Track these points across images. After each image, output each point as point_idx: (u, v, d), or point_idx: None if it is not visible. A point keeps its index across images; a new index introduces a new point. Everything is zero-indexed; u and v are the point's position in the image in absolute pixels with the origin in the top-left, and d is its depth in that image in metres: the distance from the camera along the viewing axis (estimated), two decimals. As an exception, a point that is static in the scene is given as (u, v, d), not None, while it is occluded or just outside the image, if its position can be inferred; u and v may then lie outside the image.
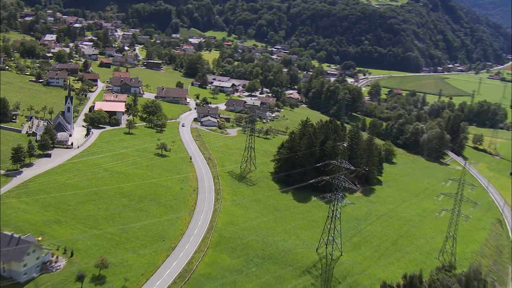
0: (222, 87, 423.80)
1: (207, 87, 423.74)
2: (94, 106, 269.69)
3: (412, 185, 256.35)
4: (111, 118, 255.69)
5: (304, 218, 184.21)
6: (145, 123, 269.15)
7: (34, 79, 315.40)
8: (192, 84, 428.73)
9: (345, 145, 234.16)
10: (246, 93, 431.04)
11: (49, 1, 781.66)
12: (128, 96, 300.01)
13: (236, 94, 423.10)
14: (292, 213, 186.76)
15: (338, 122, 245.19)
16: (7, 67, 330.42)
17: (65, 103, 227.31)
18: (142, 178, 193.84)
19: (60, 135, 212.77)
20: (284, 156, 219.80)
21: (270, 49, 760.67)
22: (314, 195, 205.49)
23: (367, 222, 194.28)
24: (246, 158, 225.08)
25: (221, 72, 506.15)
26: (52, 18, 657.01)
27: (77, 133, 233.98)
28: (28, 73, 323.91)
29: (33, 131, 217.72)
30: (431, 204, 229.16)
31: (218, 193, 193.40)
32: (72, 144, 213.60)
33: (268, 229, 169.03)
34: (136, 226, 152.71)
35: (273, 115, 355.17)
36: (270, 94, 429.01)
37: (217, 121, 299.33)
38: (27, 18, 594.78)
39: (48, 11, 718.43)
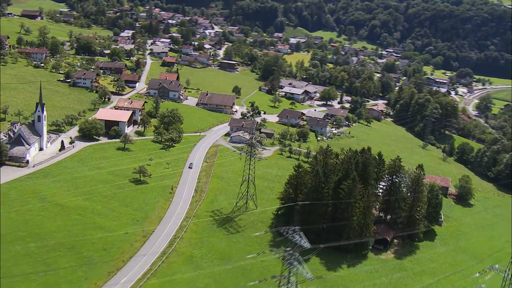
0: (292, 94, 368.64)
1: (277, 93, 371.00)
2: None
3: (483, 244, 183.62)
4: (111, 129, 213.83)
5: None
6: (152, 137, 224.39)
7: (62, 79, 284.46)
8: (260, 89, 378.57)
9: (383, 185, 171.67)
10: (321, 102, 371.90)
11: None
12: (146, 102, 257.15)
13: (307, 102, 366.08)
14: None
15: (373, 155, 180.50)
16: (42, 65, 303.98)
17: (35, 111, 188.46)
18: (82, 214, 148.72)
19: (16, 150, 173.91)
20: (289, 197, 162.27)
21: (380, 52, 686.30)
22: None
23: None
24: (243, 194, 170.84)
25: (304, 76, 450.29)
26: (145, 14, 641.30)
27: (54, 146, 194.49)
28: (62, 72, 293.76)
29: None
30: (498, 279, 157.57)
31: (173, 243, 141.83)
32: (28, 161, 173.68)
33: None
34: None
35: (336, 131, 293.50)
36: (349, 105, 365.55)
37: (254, 137, 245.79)
38: (117, 14, 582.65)
39: (147, 7, 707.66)
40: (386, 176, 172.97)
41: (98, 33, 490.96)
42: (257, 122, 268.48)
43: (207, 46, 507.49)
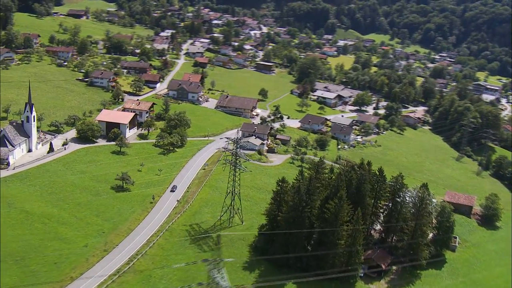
0: (324, 98, 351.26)
1: (309, 96, 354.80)
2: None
3: (500, 277, 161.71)
4: (111, 131, 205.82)
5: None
6: (154, 140, 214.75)
7: (81, 78, 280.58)
8: (292, 92, 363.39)
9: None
10: (354, 108, 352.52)
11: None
12: (155, 104, 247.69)
13: (339, 107, 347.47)
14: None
15: (373, 170, 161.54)
16: (65, 63, 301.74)
17: (24, 112, 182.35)
18: (46, 222, 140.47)
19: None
20: (273, 214, 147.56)
21: (433, 56, 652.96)
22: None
23: None
24: (228, 207, 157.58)
25: (344, 79, 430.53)
26: (191, 14, 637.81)
27: (46, 148, 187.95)
28: (84, 71, 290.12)
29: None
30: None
31: (133, 259, 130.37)
32: (8, 163, 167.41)
33: None
34: None
35: (361, 139, 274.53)
36: (384, 111, 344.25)
37: (264, 143, 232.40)
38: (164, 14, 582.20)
39: (197, 7, 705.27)
40: (387, 195, 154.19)
41: (139, 32, 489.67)
42: (272, 127, 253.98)
43: (247, 47, 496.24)
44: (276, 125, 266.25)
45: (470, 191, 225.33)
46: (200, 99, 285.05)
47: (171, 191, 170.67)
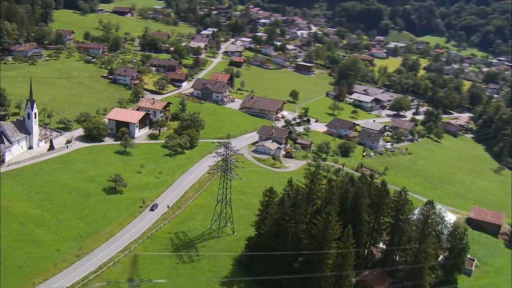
0: (360, 101, 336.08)
1: (346, 99, 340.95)
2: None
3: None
4: (119, 131, 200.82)
5: None
6: (157, 142, 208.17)
7: (106, 75, 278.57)
8: (327, 95, 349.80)
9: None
10: (392, 112, 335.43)
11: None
12: (171, 103, 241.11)
13: (375, 111, 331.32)
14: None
15: (376, 183, 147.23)
16: (94, 60, 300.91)
17: (25, 108, 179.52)
18: (24, 223, 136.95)
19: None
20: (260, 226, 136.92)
21: (491, 60, 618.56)
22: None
23: None
24: (219, 216, 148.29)
25: (387, 83, 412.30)
26: (239, 13, 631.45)
27: (47, 146, 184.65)
28: (110, 68, 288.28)
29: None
30: None
31: (103, 267, 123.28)
32: (4, 160, 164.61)
33: None
34: None
35: (390, 146, 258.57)
36: (423, 117, 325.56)
37: (281, 147, 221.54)
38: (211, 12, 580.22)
39: (248, 6, 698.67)
40: (389, 211, 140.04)
41: (181, 30, 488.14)
42: (293, 131, 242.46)
43: (290, 47, 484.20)
44: (300, 129, 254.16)
45: (503, 208, 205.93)
46: (225, 99, 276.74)
47: (150, 209, 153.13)
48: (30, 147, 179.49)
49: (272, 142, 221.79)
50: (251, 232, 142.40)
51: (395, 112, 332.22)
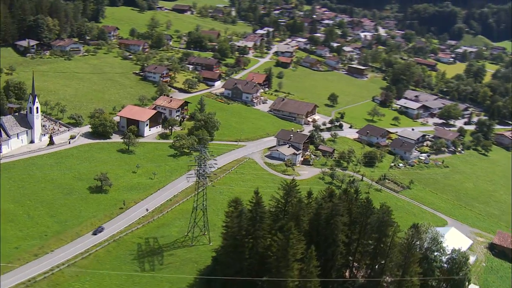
0: (407, 108, 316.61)
1: (392, 105, 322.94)
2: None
3: None
4: (128, 128, 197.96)
5: None
6: (168, 141, 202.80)
7: (138, 71, 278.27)
8: (373, 100, 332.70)
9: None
10: (440, 121, 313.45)
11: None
12: (189, 103, 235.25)
13: (422, 119, 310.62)
14: None
15: (361, 199, 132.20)
16: (131, 56, 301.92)
17: (27, 102, 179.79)
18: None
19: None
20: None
21: None
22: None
23: None
24: (193, 224, 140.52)
25: (444, 89, 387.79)
26: (302, 13, 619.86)
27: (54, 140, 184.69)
28: (142, 65, 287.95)
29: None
30: None
31: (54, 270, 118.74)
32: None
33: None
34: None
35: (423, 157, 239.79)
36: (474, 127, 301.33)
37: (298, 153, 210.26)
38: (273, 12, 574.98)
39: (317, 6, 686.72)
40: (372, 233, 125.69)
41: (238, 29, 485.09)
42: (315, 136, 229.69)
43: (348, 49, 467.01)
44: (326, 135, 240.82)
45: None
46: (255, 100, 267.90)
47: (93, 233, 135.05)
48: (32, 141, 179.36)
49: (288, 147, 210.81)
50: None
51: (443, 121, 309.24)
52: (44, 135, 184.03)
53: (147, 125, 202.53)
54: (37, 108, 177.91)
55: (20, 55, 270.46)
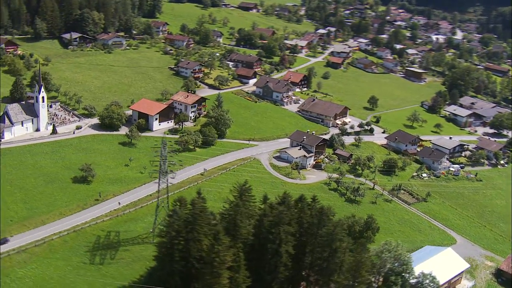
0: (456, 115, 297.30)
1: (441, 111, 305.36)
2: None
3: None
4: (137, 122, 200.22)
5: None
6: (177, 137, 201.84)
7: (173, 66, 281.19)
8: (422, 105, 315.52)
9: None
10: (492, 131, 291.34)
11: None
12: (207, 99, 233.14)
13: (470, 128, 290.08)
14: None
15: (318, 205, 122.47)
16: (171, 51, 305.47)
17: (34, 92, 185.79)
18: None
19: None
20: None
21: None
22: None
23: None
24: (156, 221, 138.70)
25: (507, 96, 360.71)
26: (374, 13, 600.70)
27: (60, 129, 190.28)
28: (177, 60, 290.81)
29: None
30: None
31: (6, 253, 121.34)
32: (2, 138, 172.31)
33: None
34: None
35: (458, 168, 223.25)
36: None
37: (310, 156, 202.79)
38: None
39: (392, 7, 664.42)
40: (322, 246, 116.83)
41: (300, 28, 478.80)
42: (337, 140, 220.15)
43: (412, 51, 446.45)
44: (349, 139, 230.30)
45: None
46: (285, 100, 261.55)
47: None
48: (37, 130, 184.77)
49: (299, 149, 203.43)
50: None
51: (495, 131, 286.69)
52: (51, 124, 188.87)
53: (156, 119, 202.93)
54: (43, 97, 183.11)
55: (63, 48, 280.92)
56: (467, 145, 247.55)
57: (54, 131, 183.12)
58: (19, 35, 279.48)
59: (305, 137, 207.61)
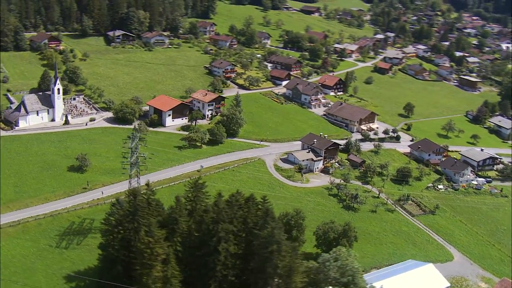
0: (500, 126, 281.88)
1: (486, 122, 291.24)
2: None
3: None
4: (150, 117, 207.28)
5: None
6: (188, 133, 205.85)
7: (208, 65, 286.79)
8: (466, 115, 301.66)
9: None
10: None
11: (477, 5, 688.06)
12: (226, 98, 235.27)
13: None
14: None
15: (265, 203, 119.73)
16: (211, 51, 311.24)
17: (51, 84, 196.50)
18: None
19: (13, 115, 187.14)
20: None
21: None
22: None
23: None
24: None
25: None
26: (443, 20, 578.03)
27: (76, 120, 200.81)
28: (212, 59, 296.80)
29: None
30: None
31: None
32: (14, 126, 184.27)
33: None
34: None
35: (482, 182, 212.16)
36: None
37: (317, 159, 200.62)
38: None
39: (465, 14, 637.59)
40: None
41: (358, 33, 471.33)
42: (353, 145, 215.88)
43: (473, 59, 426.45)
44: (370, 145, 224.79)
45: None
46: (313, 103, 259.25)
47: None
48: (53, 120, 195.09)
49: (308, 152, 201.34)
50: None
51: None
52: (66, 115, 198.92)
53: (169, 115, 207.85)
54: (58, 89, 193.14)
55: (107, 44, 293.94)
56: (501, 158, 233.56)
57: (66, 122, 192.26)
58: (68, 32, 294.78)
59: (315, 140, 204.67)
